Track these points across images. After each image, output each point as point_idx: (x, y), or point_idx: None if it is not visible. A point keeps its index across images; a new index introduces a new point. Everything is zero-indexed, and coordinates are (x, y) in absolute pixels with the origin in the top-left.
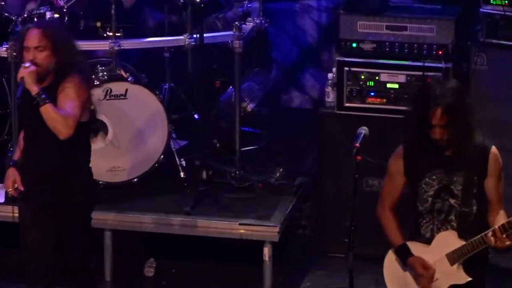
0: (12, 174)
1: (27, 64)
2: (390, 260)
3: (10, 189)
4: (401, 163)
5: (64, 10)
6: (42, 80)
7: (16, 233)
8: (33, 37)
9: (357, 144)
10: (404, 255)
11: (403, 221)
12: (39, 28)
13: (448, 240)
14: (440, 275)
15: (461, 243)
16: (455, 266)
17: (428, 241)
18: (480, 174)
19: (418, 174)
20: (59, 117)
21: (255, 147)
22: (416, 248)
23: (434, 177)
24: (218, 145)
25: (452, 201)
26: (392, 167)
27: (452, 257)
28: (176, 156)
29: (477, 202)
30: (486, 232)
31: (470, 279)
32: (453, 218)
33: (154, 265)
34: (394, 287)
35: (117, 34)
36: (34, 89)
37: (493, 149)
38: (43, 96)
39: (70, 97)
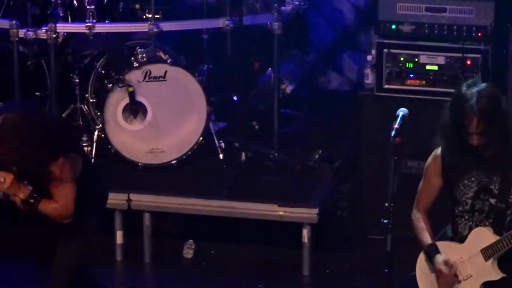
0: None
1: (2, 179)
2: (422, 261)
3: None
4: (438, 166)
5: None
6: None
7: None
8: None
9: (396, 126)
10: (431, 255)
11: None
12: None
13: (483, 236)
14: (474, 271)
15: (496, 238)
16: (489, 261)
17: (463, 239)
18: None
19: (456, 176)
20: (57, 209)
21: (294, 129)
22: (447, 247)
23: (472, 178)
24: (256, 127)
25: (492, 200)
26: (429, 169)
27: (487, 253)
28: (215, 138)
29: None
30: None
31: (504, 275)
32: (492, 215)
33: (193, 247)
34: (424, 287)
35: (156, 16)
36: (21, 195)
37: None
38: (36, 197)
39: (58, 184)
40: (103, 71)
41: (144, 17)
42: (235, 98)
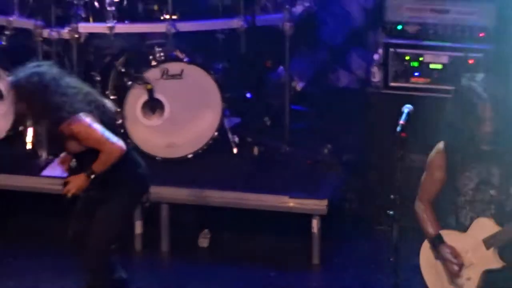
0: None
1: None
2: (426, 249)
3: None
4: (442, 159)
5: None
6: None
7: None
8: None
9: (402, 122)
10: (437, 244)
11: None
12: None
13: (485, 226)
14: (476, 260)
15: (497, 228)
16: (490, 250)
17: (466, 229)
18: None
19: (458, 168)
20: (106, 161)
21: (304, 124)
22: (450, 236)
23: (474, 171)
24: (268, 122)
25: (492, 191)
26: (432, 163)
27: (489, 242)
28: (229, 133)
29: None
30: None
31: (504, 264)
32: (493, 206)
33: (208, 236)
34: (428, 275)
35: (173, 17)
36: (84, 182)
37: None
38: (90, 170)
39: (82, 135)
40: (123, 69)
41: (162, 18)
42: (248, 95)
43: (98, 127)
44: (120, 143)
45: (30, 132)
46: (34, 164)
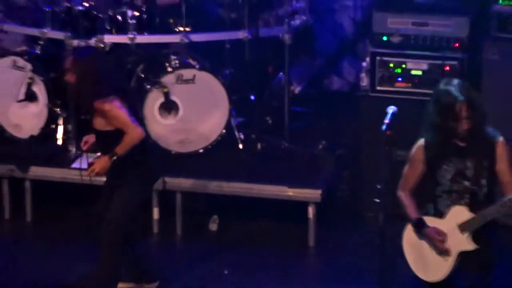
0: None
1: (85, 140)
2: (409, 232)
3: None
4: (422, 154)
5: (143, 9)
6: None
7: None
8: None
9: (387, 121)
10: (420, 227)
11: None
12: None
13: (460, 213)
14: (451, 243)
15: (471, 215)
16: (465, 235)
17: (442, 215)
18: (489, 160)
19: (437, 162)
20: (129, 142)
21: (301, 123)
22: (429, 221)
23: (451, 164)
24: (270, 121)
25: (466, 183)
26: (414, 157)
27: (463, 227)
28: (235, 131)
29: (486, 182)
30: (503, 200)
31: (477, 246)
32: (467, 196)
33: (217, 221)
34: (410, 255)
35: (186, 29)
36: (107, 164)
37: (500, 139)
38: (113, 157)
39: (115, 116)
40: (142, 75)
41: (177, 30)
42: (252, 97)
43: (125, 111)
44: (141, 128)
45: (60, 129)
46: (64, 158)
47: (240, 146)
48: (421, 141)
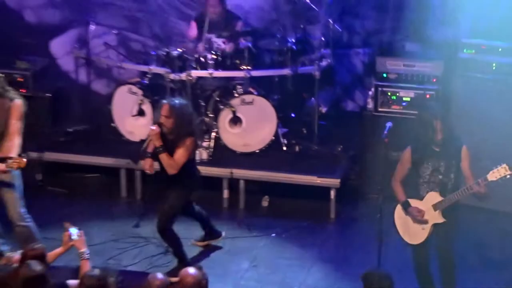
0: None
1: (153, 127)
2: (398, 210)
3: (147, 167)
4: (409, 156)
5: (218, 54)
6: (164, 137)
7: None
8: (164, 108)
9: (385, 132)
10: (406, 206)
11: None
12: (169, 103)
13: (434, 197)
14: (427, 217)
15: (441, 198)
16: (437, 211)
17: (422, 198)
18: (456, 160)
19: (419, 162)
20: (169, 162)
21: (326, 133)
22: (413, 202)
23: (429, 163)
24: (305, 131)
25: (440, 176)
26: (403, 157)
27: (436, 206)
28: (281, 137)
29: (454, 176)
30: (470, 184)
31: (445, 220)
32: (440, 185)
33: (268, 200)
34: (399, 225)
35: (248, 67)
36: (156, 143)
37: (464, 146)
38: (161, 148)
39: (181, 151)
40: (218, 98)
41: (241, 68)
42: (292, 114)
43: (190, 152)
44: (177, 171)
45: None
46: None
47: (284, 148)
48: (409, 147)
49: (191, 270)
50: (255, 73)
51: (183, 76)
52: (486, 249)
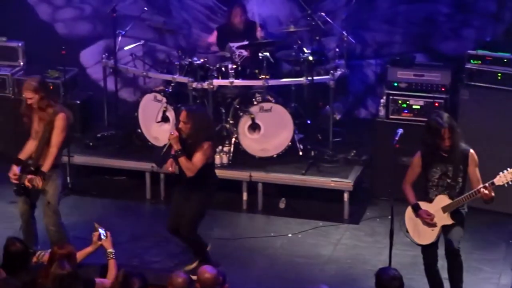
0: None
1: (172, 132)
2: (409, 212)
3: (170, 168)
4: (419, 160)
5: (238, 64)
6: (183, 141)
7: None
8: (182, 114)
9: (396, 138)
10: (416, 209)
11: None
12: (187, 110)
13: (443, 200)
14: (437, 219)
15: (450, 201)
16: (446, 214)
17: (431, 201)
18: (464, 165)
19: (429, 166)
20: (187, 165)
21: (340, 139)
22: (423, 204)
23: (438, 167)
24: (320, 137)
25: (448, 180)
26: (414, 162)
27: (445, 209)
28: (297, 143)
29: (461, 180)
30: (478, 188)
31: (453, 221)
32: (448, 188)
33: (285, 202)
34: (410, 227)
35: (266, 77)
36: (175, 147)
37: (471, 151)
38: (180, 152)
39: (199, 155)
40: (237, 106)
41: (260, 77)
42: (308, 121)
43: (209, 155)
44: (195, 172)
45: None
46: None
47: (300, 153)
48: (419, 153)
49: (209, 267)
50: (273, 82)
51: (205, 84)
52: (492, 251)
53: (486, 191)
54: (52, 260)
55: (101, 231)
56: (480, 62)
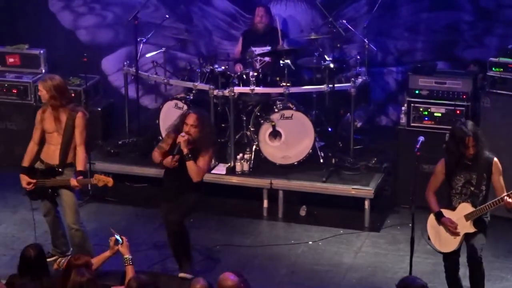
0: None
1: (183, 134)
2: (431, 219)
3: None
4: (443, 168)
5: (259, 71)
6: (191, 144)
7: None
8: (191, 118)
9: (418, 146)
10: (439, 216)
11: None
12: (197, 114)
13: (466, 208)
14: (459, 227)
15: (473, 209)
16: (469, 221)
17: (454, 209)
18: (487, 173)
19: (452, 174)
20: (196, 169)
21: (361, 146)
22: (446, 212)
23: (462, 175)
24: (341, 145)
25: (471, 188)
26: (437, 170)
27: (467, 217)
28: (318, 150)
29: (485, 188)
30: (502, 196)
31: (476, 229)
32: (471, 196)
33: (305, 209)
34: (432, 234)
35: (287, 84)
36: (185, 150)
37: (495, 159)
38: (190, 155)
39: (206, 158)
40: (258, 113)
41: (281, 84)
42: (329, 129)
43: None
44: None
45: None
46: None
47: (321, 160)
48: (443, 160)
49: (231, 274)
50: (294, 89)
51: (226, 92)
52: None
53: (510, 200)
54: (68, 270)
55: (117, 236)
56: (502, 69)
